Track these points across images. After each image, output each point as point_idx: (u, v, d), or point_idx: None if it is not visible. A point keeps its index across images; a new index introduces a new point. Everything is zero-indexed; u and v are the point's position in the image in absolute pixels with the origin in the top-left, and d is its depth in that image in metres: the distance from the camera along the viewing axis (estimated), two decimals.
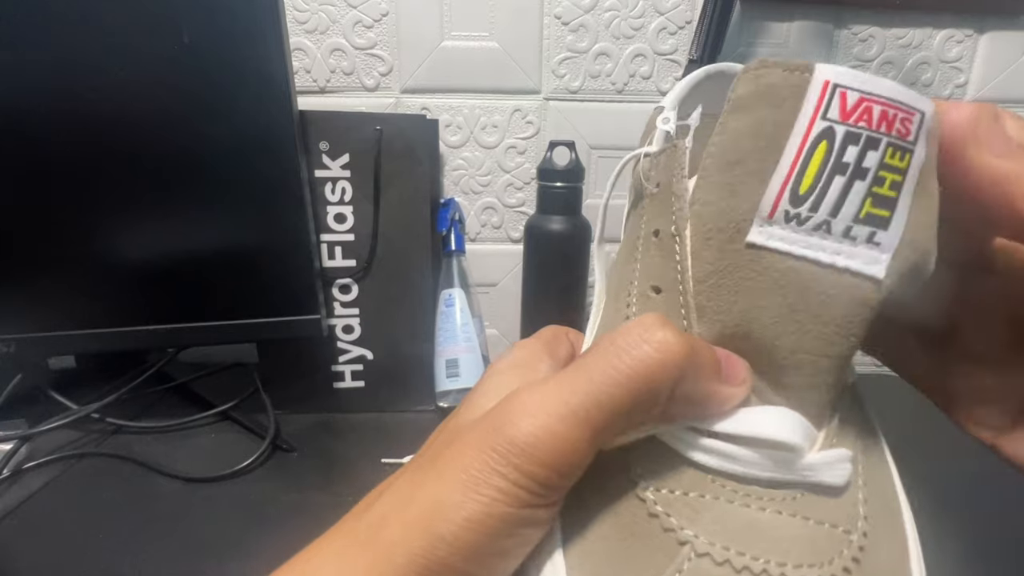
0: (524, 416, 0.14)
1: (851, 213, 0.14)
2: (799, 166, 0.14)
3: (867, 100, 0.14)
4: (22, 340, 0.49)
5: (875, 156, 0.14)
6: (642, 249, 0.18)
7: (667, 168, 0.17)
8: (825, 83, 0.14)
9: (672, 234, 0.16)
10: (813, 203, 0.14)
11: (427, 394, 0.57)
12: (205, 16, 0.45)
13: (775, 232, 0.14)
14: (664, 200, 0.17)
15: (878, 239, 0.14)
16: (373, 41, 0.61)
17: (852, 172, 0.14)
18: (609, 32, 0.61)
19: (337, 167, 0.53)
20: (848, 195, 0.14)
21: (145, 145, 0.47)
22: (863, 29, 0.62)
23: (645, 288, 0.17)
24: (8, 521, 0.41)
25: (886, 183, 0.14)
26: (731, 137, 0.15)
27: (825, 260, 0.14)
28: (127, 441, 0.51)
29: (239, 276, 0.51)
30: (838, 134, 0.14)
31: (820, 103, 0.14)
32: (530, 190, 0.65)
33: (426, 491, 0.14)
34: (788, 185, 0.14)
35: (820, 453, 0.15)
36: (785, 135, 0.14)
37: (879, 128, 0.14)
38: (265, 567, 0.16)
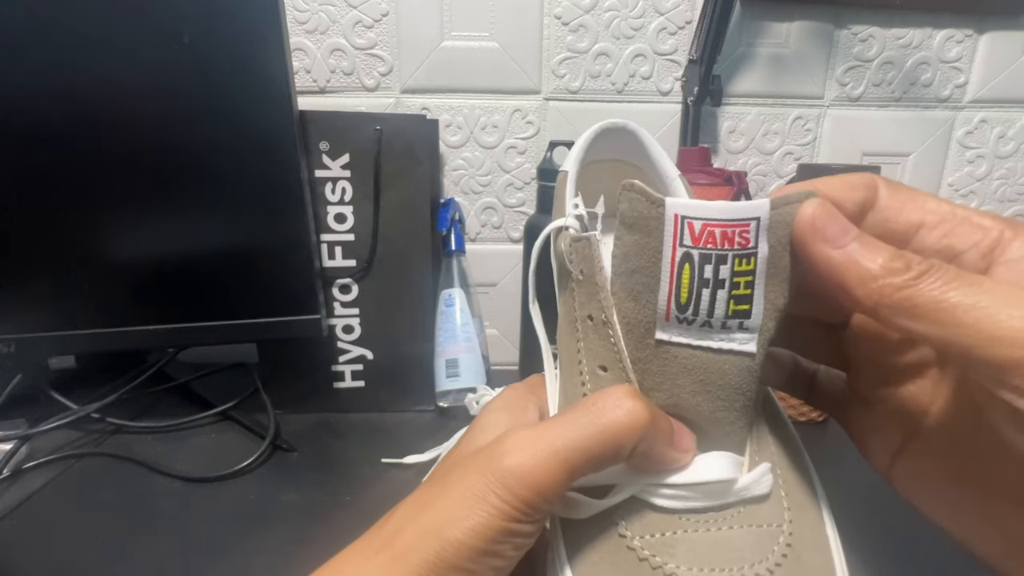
0: (517, 450, 0.18)
1: (722, 313, 0.18)
2: (675, 283, 0.18)
3: (709, 225, 0.17)
4: (22, 340, 0.49)
5: (727, 268, 0.17)
6: (581, 330, 0.21)
7: (586, 259, 0.21)
8: (675, 216, 0.18)
9: (604, 321, 0.20)
10: (693, 310, 0.18)
11: (427, 394, 0.57)
12: (205, 16, 0.45)
13: (673, 331, 0.19)
14: (590, 289, 0.21)
15: (746, 325, 0.18)
16: (373, 41, 0.61)
17: (714, 284, 0.18)
18: (609, 32, 0.61)
19: (337, 167, 0.53)
20: (716, 302, 0.18)
21: (145, 145, 0.47)
22: (863, 29, 0.62)
23: (593, 367, 0.21)
24: (8, 521, 0.41)
25: (741, 285, 0.18)
26: (625, 250, 0.19)
27: (714, 347, 0.18)
28: (127, 441, 0.51)
29: (239, 276, 0.51)
30: (695, 256, 0.18)
31: (676, 233, 0.18)
32: (530, 190, 0.65)
33: (436, 505, 0.18)
34: (672, 298, 0.18)
35: (748, 474, 0.19)
36: (658, 258, 0.18)
37: (723, 246, 0.17)
38: (265, 567, 0.17)
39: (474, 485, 0.18)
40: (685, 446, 0.19)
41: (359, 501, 0.43)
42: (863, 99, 0.65)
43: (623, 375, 0.20)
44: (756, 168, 0.66)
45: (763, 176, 0.66)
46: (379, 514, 0.20)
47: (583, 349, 0.21)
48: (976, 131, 0.66)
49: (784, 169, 0.66)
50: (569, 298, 0.22)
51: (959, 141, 0.66)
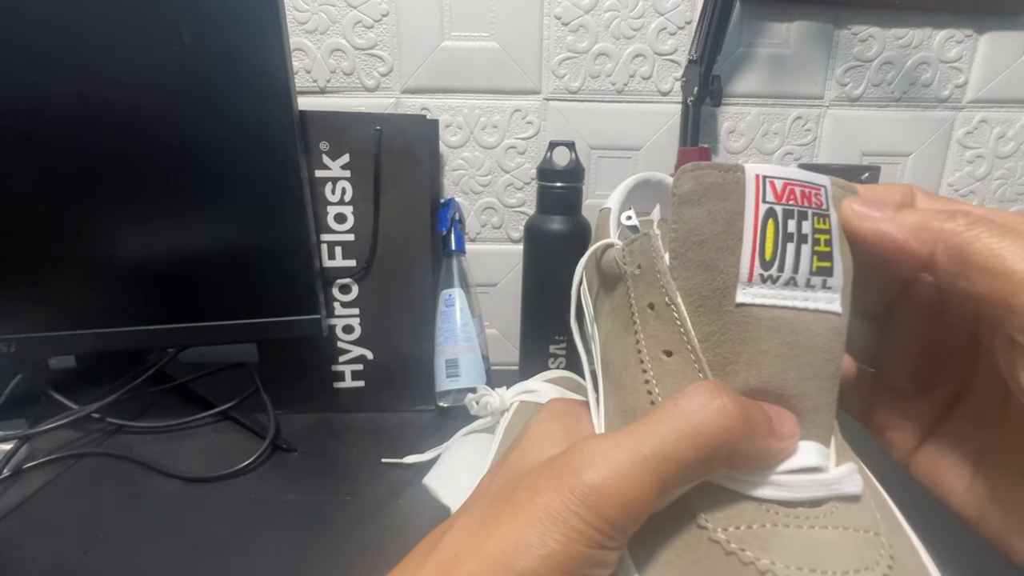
0: (600, 461, 0.15)
1: (807, 269, 0.18)
2: (759, 240, 0.18)
3: (790, 184, 0.18)
4: (22, 340, 0.49)
5: (808, 224, 0.18)
6: (640, 321, 0.20)
7: (644, 253, 0.20)
8: (757, 176, 0.18)
9: (667, 304, 0.19)
10: (778, 266, 0.18)
11: (427, 394, 0.57)
12: (205, 16, 0.45)
13: (757, 291, 0.18)
14: (649, 278, 0.20)
15: (829, 284, 0.18)
16: (373, 41, 0.61)
17: (798, 239, 0.18)
18: (609, 32, 0.61)
19: (337, 167, 0.53)
20: (801, 256, 0.18)
21: (145, 145, 0.47)
22: (863, 29, 0.62)
23: (656, 353, 0.19)
24: (8, 521, 0.41)
25: (822, 242, 0.18)
26: (689, 224, 0.19)
27: (800, 305, 0.18)
28: (127, 441, 0.51)
29: (239, 276, 0.51)
30: (779, 212, 0.18)
31: (758, 191, 0.18)
32: (530, 190, 0.65)
33: (502, 530, 0.16)
34: (756, 255, 0.18)
35: (838, 468, 0.18)
36: (739, 219, 0.18)
37: (803, 203, 0.18)
38: (265, 567, 0.17)
39: (549, 505, 0.15)
40: (788, 432, 0.17)
41: (359, 501, 0.43)
42: (863, 99, 0.65)
43: (690, 356, 0.18)
44: None
45: None
46: (379, 514, 0.20)
47: (643, 339, 0.20)
48: (976, 131, 0.66)
49: None
50: (623, 301, 0.21)
51: (959, 141, 0.66)
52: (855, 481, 0.18)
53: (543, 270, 0.56)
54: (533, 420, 0.22)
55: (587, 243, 0.58)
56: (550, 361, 0.57)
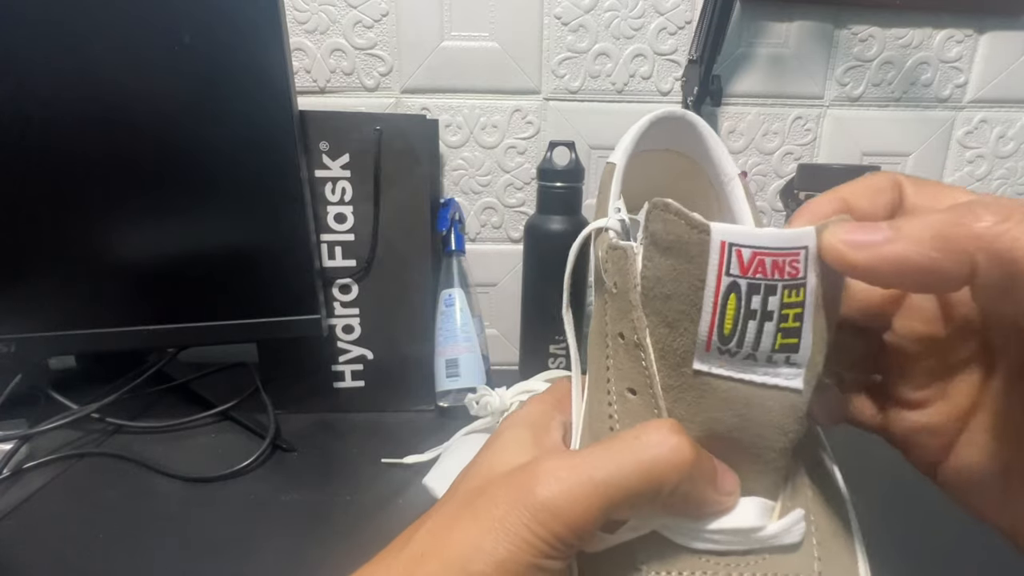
0: (553, 481, 0.17)
1: (768, 346, 0.17)
2: (718, 314, 0.17)
3: (759, 254, 0.16)
4: (22, 340, 0.49)
5: (776, 300, 0.16)
6: (612, 347, 0.20)
7: (622, 272, 0.19)
8: (722, 244, 0.16)
9: (636, 343, 0.19)
10: (737, 342, 0.17)
11: (427, 394, 0.57)
12: (205, 16, 0.45)
13: (714, 362, 0.17)
14: (622, 305, 0.19)
15: (793, 360, 0.17)
16: (373, 41, 0.61)
17: (761, 316, 0.17)
18: (609, 32, 0.61)
19: (337, 167, 0.53)
20: (762, 335, 0.17)
21: (145, 145, 0.47)
22: (863, 29, 0.62)
23: (622, 389, 0.20)
24: (8, 521, 0.41)
25: (790, 318, 0.17)
26: (659, 274, 0.18)
27: (758, 381, 0.17)
28: (127, 441, 0.51)
29: (239, 276, 0.51)
30: (742, 287, 0.16)
31: (722, 261, 0.16)
32: (530, 190, 0.65)
33: (463, 534, 0.17)
34: (714, 329, 0.17)
35: (778, 522, 0.18)
36: (701, 287, 0.17)
37: (773, 276, 0.16)
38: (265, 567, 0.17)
39: (504, 516, 0.17)
40: (728, 489, 0.18)
41: (359, 501, 0.43)
42: (863, 99, 0.65)
43: (652, 401, 0.19)
44: (756, 168, 0.66)
45: (763, 176, 0.66)
46: (379, 514, 0.20)
47: (612, 368, 0.20)
48: (976, 131, 0.66)
49: (784, 169, 0.66)
50: (601, 310, 0.21)
51: (959, 141, 0.66)
52: (794, 531, 0.18)
53: (543, 270, 0.56)
54: (507, 422, 0.23)
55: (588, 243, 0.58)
56: (550, 361, 0.57)
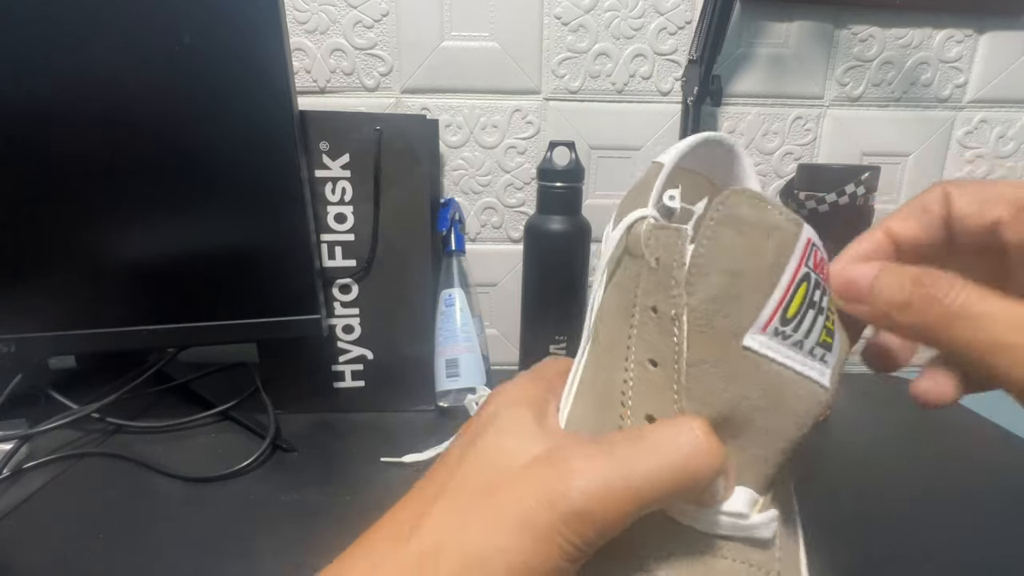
0: (588, 483, 0.16)
1: (815, 338, 0.19)
2: (788, 297, 0.18)
3: (823, 257, 0.19)
4: (22, 340, 0.49)
5: (825, 298, 0.19)
6: (639, 318, 0.20)
7: (668, 248, 0.20)
8: (808, 240, 0.18)
9: (672, 317, 0.19)
10: (795, 326, 0.18)
11: (427, 394, 0.57)
12: (205, 16, 0.45)
13: (766, 342, 0.18)
14: (663, 280, 0.19)
15: (826, 358, 0.19)
16: (373, 41, 0.61)
17: (817, 309, 0.19)
18: (609, 32, 0.61)
19: (337, 167, 0.53)
20: (815, 325, 0.19)
21: (145, 145, 0.47)
22: (863, 29, 0.62)
23: (643, 358, 0.20)
24: (8, 521, 0.41)
25: (831, 318, 0.19)
26: (728, 248, 0.18)
27: (798, 368, 0.18)
28: (127, 441, 0.51)
29: (239, 276, 0.51)
30: (811, 279, 0.18)
31: (804, 254, 0.18)
32: (530, 190, 0.65)
33: (482, 530, 0.16)
34: (780, 309, 0.18)
35: (759, 515, 0.19)
36: (780, 271, 0.18)
37: (826, 279, 0.19)
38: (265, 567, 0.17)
39: (532, 517, 0.16)
40: (733, 480, 0.19)
41: (359, 501, 0.43)
42: (863, 99, 0.65)
43: (674, 375, 0.19)
44: (756, 168, 0.66)
45: (763, 176, 0.66)
46: (379, 514, 0.19)
47: (635, 337, 0.20)
48: (976, 131, 0.66)
49: (784, 169, 0.66)
50: (631, 284, 0.21)
51: (959, 141, 0.66)
52: (770, 528, 0.19)
53: (543, 270, 0.56)
54: (501, 400, 0.21)
55: (587, 243, 0.58)
56: None
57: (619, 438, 0.18)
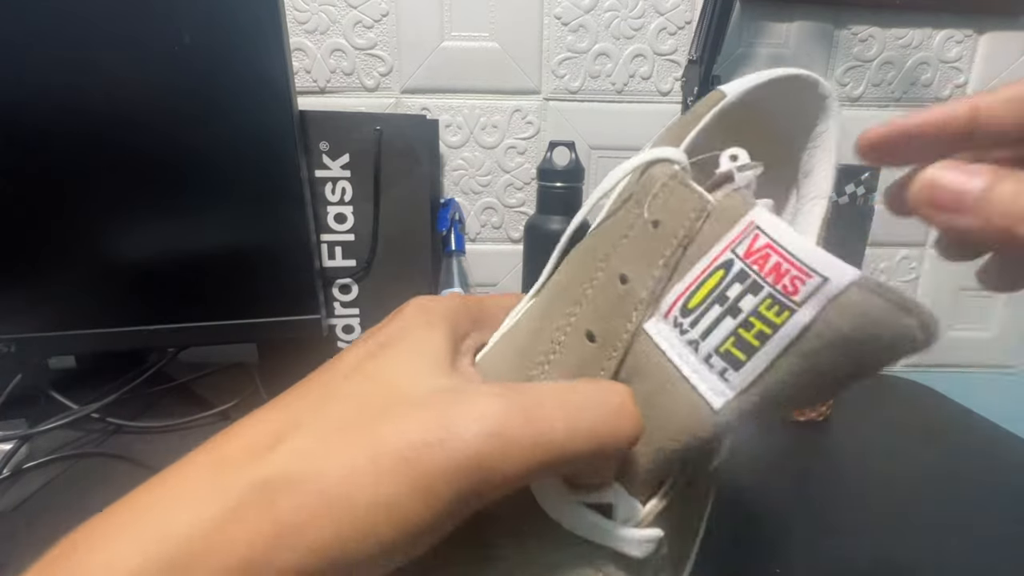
0: (492, 424, 0.13)
1: (714, 344, 0.15)
2: (696, 284, 0.15)
3: (771, 248, 0.14)
4: (22, 340, 0.49)
5: (752, 301, 0.14)
6: (601, 280, 0.17)
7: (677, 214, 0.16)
8: (750, 223, 0.15)
9: (639, 299, 0.16)
10: (693, 320, 0.15)
11: None
12: (205, 16, 0.45)
13: (663, 330, 0.16)
14: (652, 250, 0.16)
15: (728, 376, 0.15)
16: (373, 41, 0.61)
17: (728, 307, 0.15)
18: (609, 32, 0.61)
19: (337, 167, 0.53)
20: (718, 327, 0.15)
21: (145, 145, 0.47)
22: (863, 29, 0.62)
23: (583, 327, 0.17)
24: (8, 521, 0.41)
25: (753, 329, 0.14)
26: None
27: (685, 372, 0.15)
28: (127, 441, 0.51)
29: (239, 276, 0.51)
30: (733, 268, 0.15)
31: (738, 236, 0.15)
32: (530, 190, 0.65)
33: (356, 465, 0.13)
34: (684, 295, 0.15)
35: (634, 529, 0.16)
36: (705, 250, 0.15)
37: (767, 276, 0.14)
38: None
39: (419, 456, 0.13)
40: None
41: None
42: (863, 99, 0.65)
43: (611, 356, 0.16)
44: None
45: None
46: None
47: (586, 303, 0.17)
48: None
49: None
50: (611, 236, 0.18)
51: None
52: (641, 547, 0.16)
53: (543, 270, 0.56)
54: (420, 315, 0.18)
55: None
56: None
57: (543, 385, 0.15)
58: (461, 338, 0.18)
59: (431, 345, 0.17)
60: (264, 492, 0.12)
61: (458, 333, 0.18)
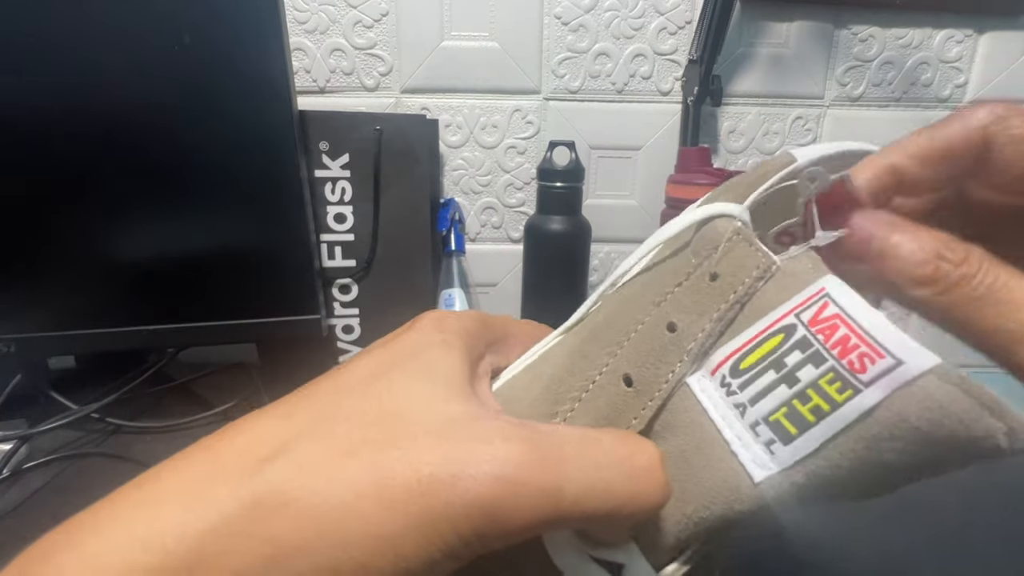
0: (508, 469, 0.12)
1: (764, 412, 0.14)
2: (752, 344, 0.14)
3: (841, 319, 0.13)
4: (22, 340, 0.49)
5: (812, 372, 0.13)
6: (647, 326, 0.16)
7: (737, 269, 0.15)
8: (821, 289, 0.14)
9: (688, 350, 0.15)
10: (743, 383, 0.14)
11: None
12: (205, 16, 0.45)
13: (707, 387, 0.15)
14: (707, 303, 0.15)
15: (774, 448, 0.13)
16: (373, 41, 0.61)
17: (784, 375, 0.13)
18: (609, 32, 0.61)
19: (337, 167, 0.53)
20: (770, 394, 0.14)
21: (145, 145, 0.47)
22: (863, 29, 0.62)
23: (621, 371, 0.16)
24: (8, 521, 0.41)
25: (810, 403, 0.13)
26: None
27: (727, 435, 0.14)
28: (127, 441, 0.51)
29: (239, 276, 0.51)
30: (795, 335, 0.14)
31: (805, 301, 0.14)
32: (530, 190, 0.65)
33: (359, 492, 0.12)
34: (735, 355, 0.14)
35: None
36: (767, 311, 0.14)
37: (832, 349, 0.13)
38: None
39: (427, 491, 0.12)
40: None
41: None
42: (863, 99, 0.65)
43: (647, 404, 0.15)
44: None
45: None
46: None
47: (629, 344, 0.16)
48: None
49: None
50: (664, 283, 0.17)
51: None
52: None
53: (543, 270, 0.56)
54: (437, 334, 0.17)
55: (587, 243, 0.58)
56: None
57: (567, 431, 0.14)
58: (477, 359, 0.17)
59: (446, 366, 0.16)
60: (259, 508, 0.12)
61: (475, 354, 0.17)
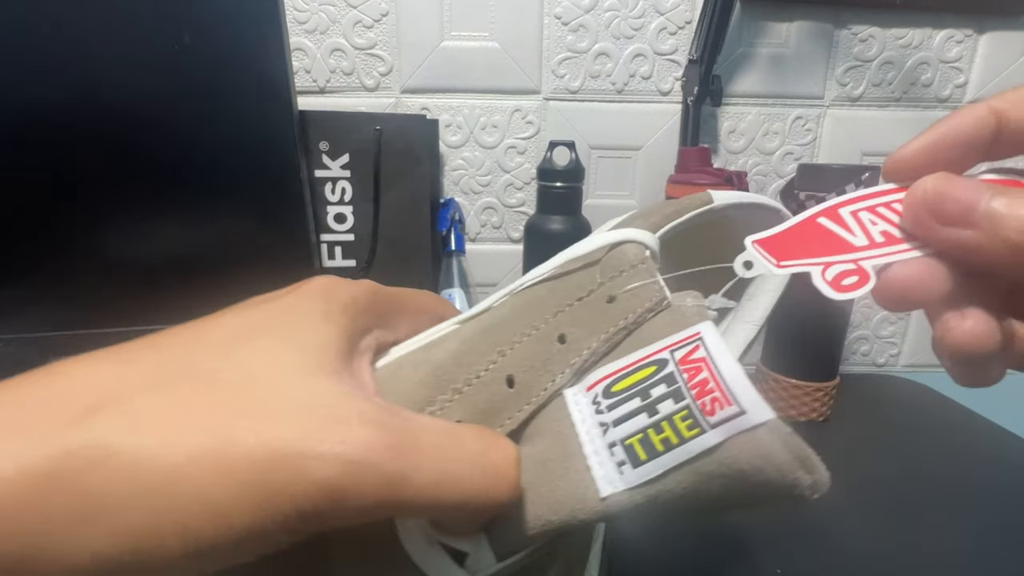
0: (357, 453, 0.12)
1: (622, 434, 0.15)
2: (627, 370, 0.15)
3: (706, 364, 0.14)
4: (22, 340, 0.49)
5: (670, 407, 0.14)
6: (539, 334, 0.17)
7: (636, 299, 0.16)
8: (696, 332, 0.15)
9: (573, 365, 0.16)
10: (612, 404, 0.15)
11: None
12: (205, 16, 0.45)
13: (580, 402, 0.16)
14: (600, 323, 0.16)
15: (624, 470, 0.14)
16: (373, 41, 0.61)
17: (647, 404, 0.14)
18: (609, 32, 0.61)
19: (337, 167, 0.53)
20: (631, 419, 0.15)
21: (145, 145, 0.47)
22: (863, 29, 0.62)
23: (506, 371, 0.17)
24: None
25: (662, 434, 0.14)
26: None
27: (587, 450, 0.15)
28: None
29: (239, 276, 0.51)
30: (665, 369, 0.15)
31: (681, 341, 0.15)
32: (530, 190, 0.65)
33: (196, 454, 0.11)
34: (611, 377, 0.15)
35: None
36: (647, 342, 0.15)
37: (692, 388, 0.14)
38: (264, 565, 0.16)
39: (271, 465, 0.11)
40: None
41: None
42: (863, 99, 0.65)
43: (523, 407, 0.16)
44: (756, 168, 0.66)
45: (763, 176, 0.66)
46: None
47: (520, 346, 0.17)
48: None
49: (784, 169, 0.66)
50: (564, 295, 0.18)
51: None
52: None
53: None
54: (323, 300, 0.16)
55: None
56: None
57: (429, 422, 0.14)
58: (361, 333, 0.17)
59: (320, 338, 0.15)
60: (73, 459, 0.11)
61: (358, 328, 0.17)
